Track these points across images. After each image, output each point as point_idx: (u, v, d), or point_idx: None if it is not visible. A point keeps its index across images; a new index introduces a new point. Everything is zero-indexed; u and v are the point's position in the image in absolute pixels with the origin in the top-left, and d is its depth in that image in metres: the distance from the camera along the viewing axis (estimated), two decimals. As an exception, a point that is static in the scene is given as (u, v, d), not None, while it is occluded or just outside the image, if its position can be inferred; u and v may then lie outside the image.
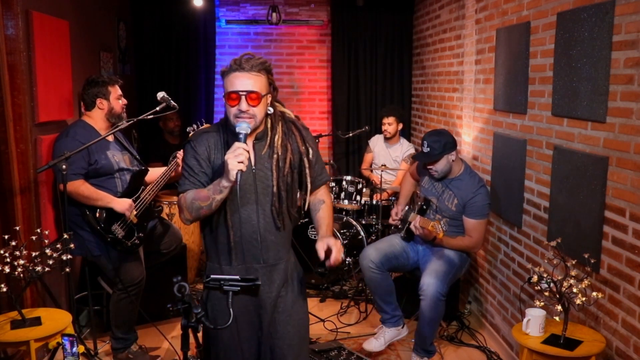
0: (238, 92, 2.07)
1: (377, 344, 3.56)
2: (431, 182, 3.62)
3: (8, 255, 2.69)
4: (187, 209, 2.14)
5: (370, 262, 3.50)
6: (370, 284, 3.56)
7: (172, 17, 5.65)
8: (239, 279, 1.94)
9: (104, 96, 3.36)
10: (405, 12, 5.84)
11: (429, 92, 5.33)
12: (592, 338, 2.58)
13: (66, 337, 2.71)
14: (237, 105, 2.07)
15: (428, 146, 3.42)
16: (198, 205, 2.11)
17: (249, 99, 2.07)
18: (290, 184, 2.20)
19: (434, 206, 3.55)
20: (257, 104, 2.08)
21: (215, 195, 2.07)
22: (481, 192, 3.45)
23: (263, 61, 2.12)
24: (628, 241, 2.43)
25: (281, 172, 2.17)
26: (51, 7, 3.57)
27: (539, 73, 3.15)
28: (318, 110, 6.16)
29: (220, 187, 2.05)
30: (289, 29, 6.01)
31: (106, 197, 3.24)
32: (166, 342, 3.66)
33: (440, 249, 3.49)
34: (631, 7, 2.36)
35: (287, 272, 2.30)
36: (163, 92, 3.39)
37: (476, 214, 3.43)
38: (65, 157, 2.97)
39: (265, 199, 2.18)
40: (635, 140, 2.37)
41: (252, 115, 2.09)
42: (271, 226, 2.20)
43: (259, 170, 2.17)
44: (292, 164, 2.20)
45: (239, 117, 2.08)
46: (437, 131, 3.59)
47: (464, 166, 3.55)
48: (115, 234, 3.25)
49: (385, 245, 3.61)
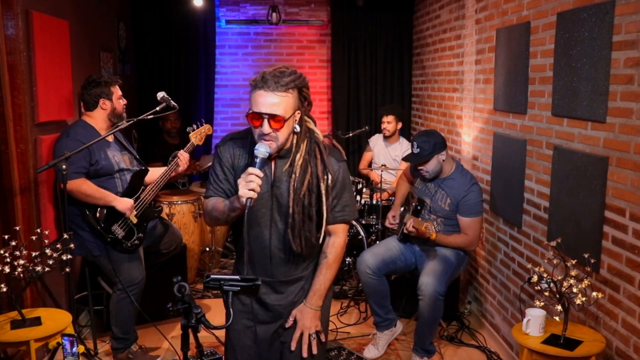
0: (261, 114, 1.93)
1: (376, 351, 3.61)
2: (424, 183, 3.63)
3: (8, 255, 2.69)
4: (207, 216, 2.18)
5: (367, 267, 3.52)
6: (367, 288, 3.59)
7: (172, 17, 5.65)
8: (239, 279, 1.93)
9: (107, 96, 3.36)
10: (405, 12, 5.84)
11: (429, 92, 5.33)
12: (592, 338, 2.58)
13: (66, 337, 2.71)
14: (259, 127, 1.95)
15: (418, 147, 3.44)
16: (216, 216, 2.12)
17: (271, 122, 1.93)
18: (307, 207, 2.06)
19: (428, 206, 3.56)
20: (280, 127, 1.94)
21: (229, 212, 2.05)
22: (473, 189, 3.46)
23: (293, 79, 1.95)
24: (628, 241, 2.43)
25: (297, 193, 2.04)
26: (51, 7, 3.57)
27: (539, 73, 3.15)
28: (318, 110, 6.16)
29: (234, 207, 2.00)
30: (289, 29, 6.01)
31: (108, 196, 3.25)
32: (166, 342, 3.66)
33: (437, 248, 3.50)
34: (631, 7, 2.36)
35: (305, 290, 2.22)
36: (163, 92, 3.39)
37: (470, 212, 3.44)
38: (65, 157, 2.97)
39: (280, 218, 2.10)
40: (635, 140, 2.37)
41: (274, 138, 1.96)
42: (283, 245, 2.12)
43: (277, 188, 2.08)
44: (311, 187, 2.06)
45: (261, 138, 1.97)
46: (427, 132, 3.60)
47: (455, 165, 3.56)
48: (115, 234, 3.25)
49: (382, 249, 3.63)
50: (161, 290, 3.59)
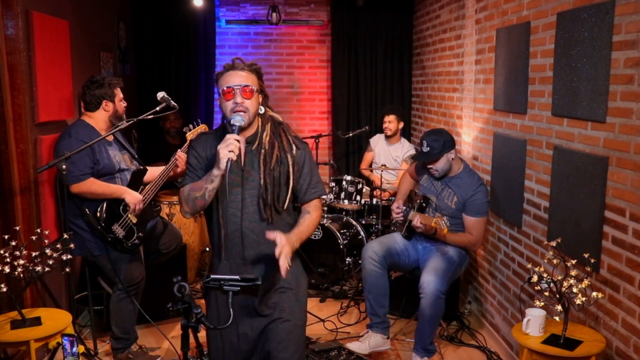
0: (233, 87, 2.18)
1: (362, 347, 3.51)
2: (430, 181, 3.63)
3: (8, 255, 2.69)
4: (184, 201, 2.26)
5: (374, 253, 3.52)
6: (368, 279, 3.56)
7: (172, 17, 5.65)
8: (239, 279, 1.94)
9: (110, 98, 3.37)
10: (405, 12, 5.84)
11: (429, 92, 5.33)
12: (592, 338, 2.58)
13: (66, 337, 2.71)
14: (232, 98, 2.18)
15: (428, 145, 3.44)
16: (194, 195, 2.21)
17: (243, 92, 2.18)
18: (277, 178, 2.25)
19: (434, 204, 3.57)
20: (251, 97, 2.19)
21: (207, 185, 2.17)
22: (481, 190, 3.47)
23: (254, 63, 2.27)
24: (628, 241, 2.43)
25: (268, 165, 2.24)
26: (51, 7, 3.57)
27: (539, 73, 3.15)
28: (318, 110, 6.16)
29: (212, 177, 2.15)
30: (289, 29, 6.00)
31: (119, 189, 3.28)
32: (166, 342, 3.66)
33: (439, 247, 3.51)
34: (631, 7, 2.36)
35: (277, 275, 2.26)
36: (163, 92, 3.39)
37: (476, 211, 3.45)
38: (65, 157, 2.97)
39: (251, 200, 2.25)
40: (635, 140, 2.37)
41: (246, 109, 2.19)
42: (255, 225, 2.25)
43: (247, 172, 2.25)
44: (279, 159, 2.26)
45: (234, 110, 2.18)
46: (436, 130, 3.62)
47: (463, 165, 3.57)
48: (116, 234, 3.25)
49: (389, 240, 3.66)
50: (161, 290, 3.59)
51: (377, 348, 3.56)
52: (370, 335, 3.58)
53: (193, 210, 2.25)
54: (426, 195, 3.61)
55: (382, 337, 3.58)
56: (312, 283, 4.67)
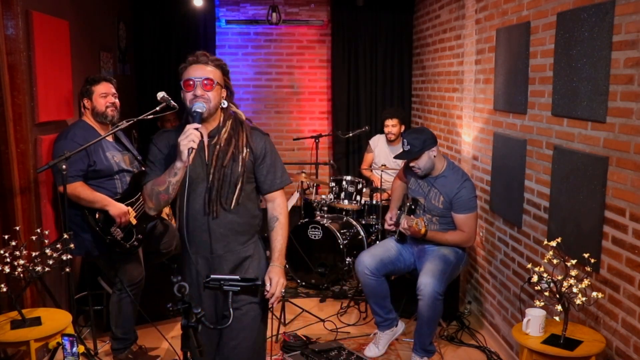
0: (194, 79, 2.18)
1: (377, 351, 3.62)
2: (417, 183, 3.64)
3: (8, 255, 2.69)
4: (148, 197, 2.26)
5: (366, 268, 3.53)
6: (366, 289, 3.60)
7: (172, 17, 5.65)
8: (239, 279, 1.94)
9: (87, 95, 3.35)
10: (405, 12, 5.84)
11: (429, 92, 5.33)
12: (592, 338, 2.58)
13: (66, 337, 2.71)
14: (192, 90, 2.18)
15: (408, 144, 3.47)
16: (157, 190, 2.22)
17: (203, 84, 2.18)
18: (229, 174, 2.25)
19: (422, 206, 3.57)
20: (211, 89, 2.20)
21: (170, 178, 2.17)
22: (466, 185, 3.47)
23: (220, 61, 2.28)
24: (628, 241, 2.43)
25: (219, 162, 2.24)
26: (51, 7, 3.57)
27: (539, 73, 3.15)
28: (318, 110, 6.16)
29: (175, 169, 2.15)
30: (289, 29, 6.01)
31: (103, 200, 3.23)
32: (166, 342, 3.66)
33: (435, 248, 3.51)
34: (631, 7, 2.36)
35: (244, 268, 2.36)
36: (163, 92, 3.38)
37: (463, 208, 3.45)
38: (65, 157, 2.97)
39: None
40: (635, 140, 2.37)
41: (207, 100, 2.19)
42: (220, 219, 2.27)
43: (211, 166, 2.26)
44: (234, 156, 2.26)
45: (194, 100, 2.18)
46: (417, 129, 3.67)
47: (447, 162, 3.57)
48: (114, 236, 3.24)
49: (380, 250, 3.64)
50: (161, 290, 3.59)
51: (391, 339, 3.71)
52: (380, 336, 3.66)
53: (157, 205, 2.25)
54: (415, 197, 3.62)
55: (391, 330, 3.68)
56: (312, 283, 4.67)
